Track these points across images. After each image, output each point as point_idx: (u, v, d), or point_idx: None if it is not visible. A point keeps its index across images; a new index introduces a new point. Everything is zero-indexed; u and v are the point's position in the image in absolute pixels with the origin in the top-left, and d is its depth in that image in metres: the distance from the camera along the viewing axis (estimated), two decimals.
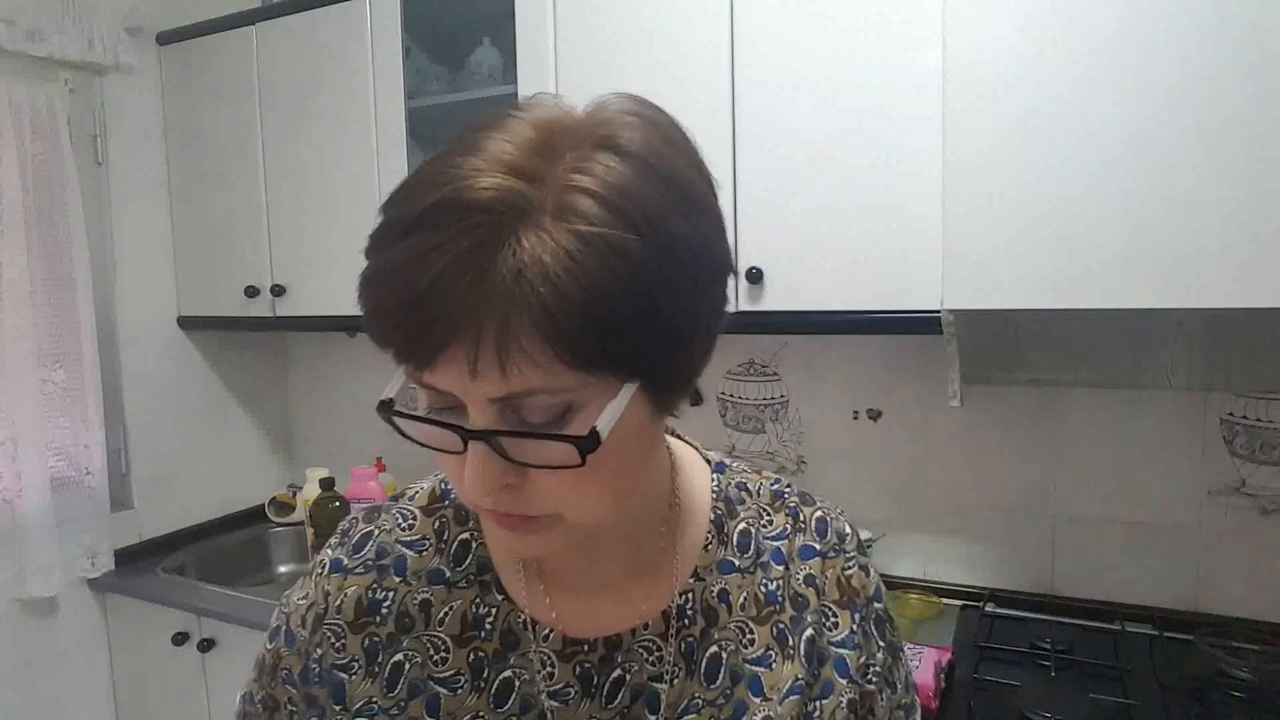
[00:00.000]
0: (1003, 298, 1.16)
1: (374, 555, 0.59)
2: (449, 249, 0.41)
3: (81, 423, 1.91)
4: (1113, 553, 1.57)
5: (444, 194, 0.42)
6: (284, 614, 0.62)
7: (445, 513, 0.61)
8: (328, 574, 0.60)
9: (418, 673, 0.56)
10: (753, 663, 0.57)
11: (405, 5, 1.76)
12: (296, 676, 0.59)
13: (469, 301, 0.40)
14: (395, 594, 0.58)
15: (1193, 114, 1.04)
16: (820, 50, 1.37)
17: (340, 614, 0.58)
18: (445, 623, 0.57)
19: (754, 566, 0.59)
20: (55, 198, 1.86)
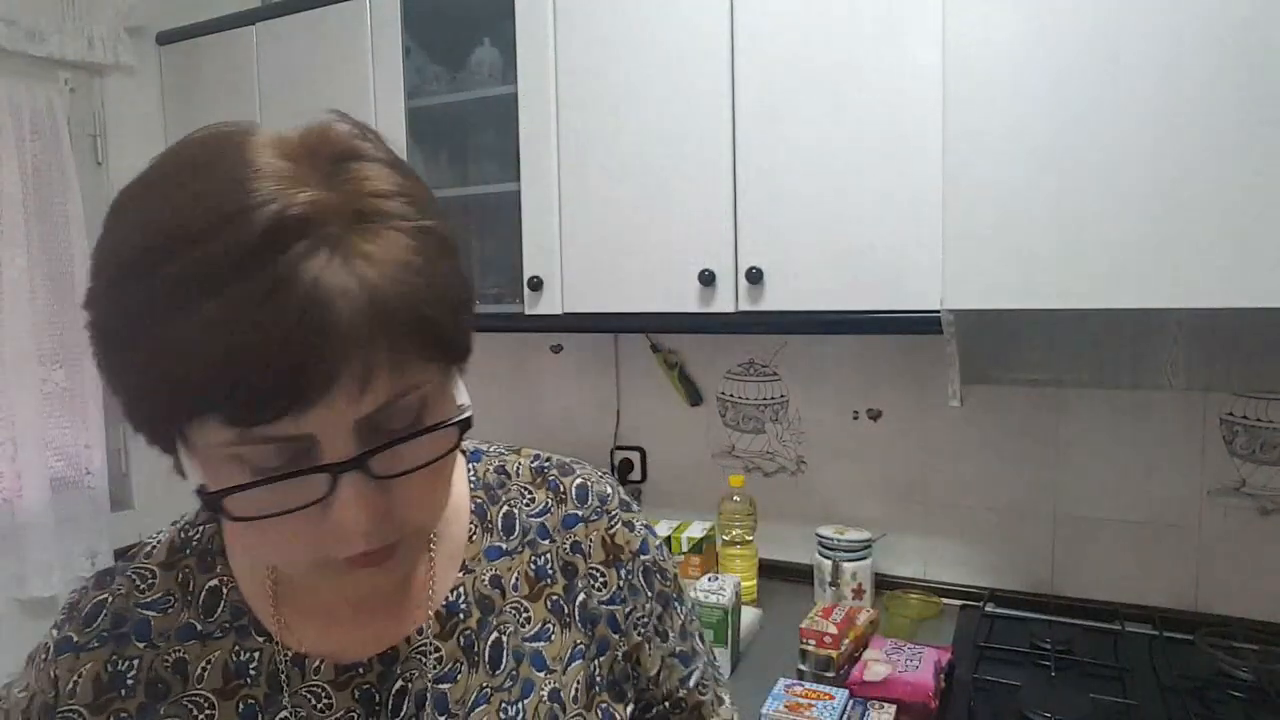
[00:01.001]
0: (1003, 298, 1.16)
1: (110, 625, 0.55)
2: (295, 283, 0.37)
3: (81, 423, 1.91)
4: (1113, 553, 1.57)
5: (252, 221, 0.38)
6: (4, 707, 0.53)
7: (188, 563, 0.57)
8: (54, 657, 0.54)
9: None
10: (532, 639, 0.57)
11: (405, 5, 1.76)
12: None
13: (347, 331, 0.38)
14: (141, 661, 0.53)
15: (1193, 114, 1.04)
16: (820, 50, 1.37)
17: (75, 698, 0.53)
18: (205, 678, 0.53)
19: (521, 546, 0.60)
20: (55, 198, 1.86)
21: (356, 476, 0.42)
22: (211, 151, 0.43)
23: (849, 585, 1.62)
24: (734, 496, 1.72)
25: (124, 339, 0.41)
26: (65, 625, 0.56)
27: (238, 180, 0.40)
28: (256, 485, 0.41)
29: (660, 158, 1.51)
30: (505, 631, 0.57)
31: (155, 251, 0.39)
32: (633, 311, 1.56)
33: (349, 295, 0.39)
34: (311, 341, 0.38)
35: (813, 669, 1.36)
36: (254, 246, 0.38)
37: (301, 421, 0.40)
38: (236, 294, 0.38)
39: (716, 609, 1.38)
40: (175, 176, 0.43)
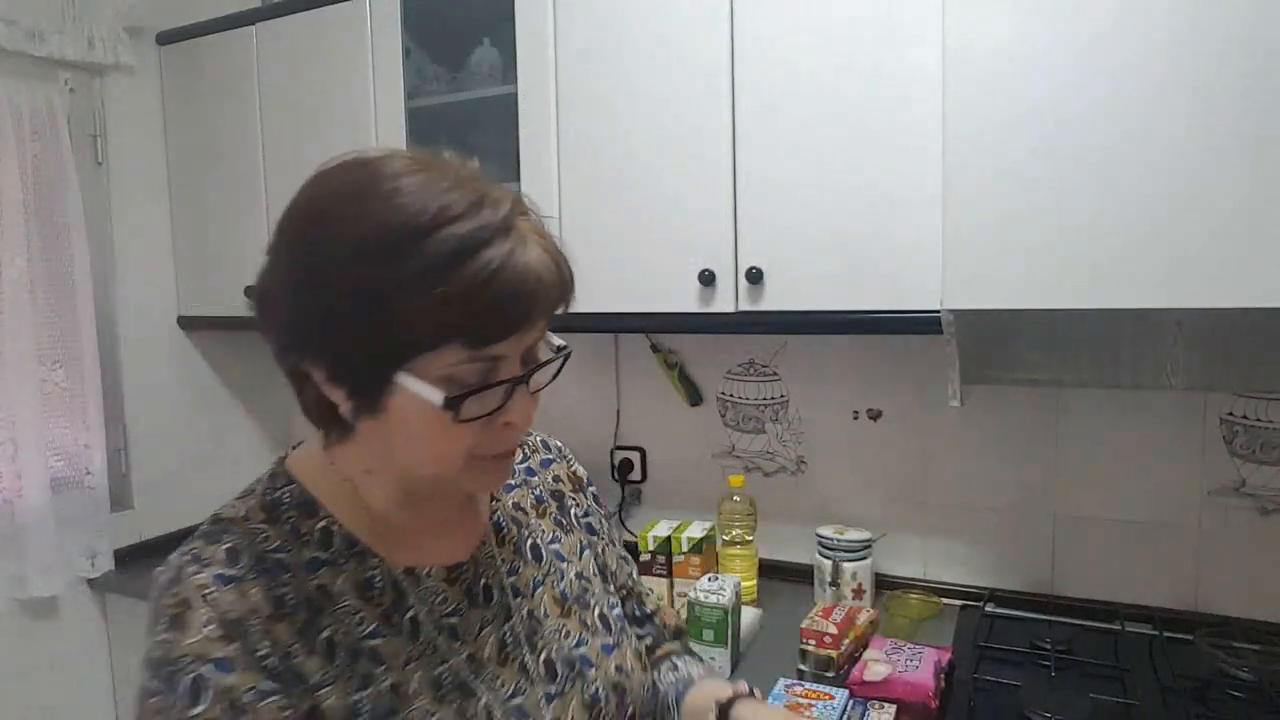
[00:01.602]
0: (1003, 298, 1.16)
1: (253, 563, 0.62)
2: (524, 248, 0.59)
3: (81, 423, 1.91)
4: (1113, 553, 1.57)
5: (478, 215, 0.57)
6: (187, 663, 0.56)
7: (291, 515, 0.67)
8: (221, 589, 0.59)
9: (346, 640, 0.63)
10: (550, 543, 0.81)
11: (405, 5, 1.76)
12: (264, 686, 0.57)
13: (547, 286, 0.60)
14: (290, 589, 0.62)
15: (1193, 114, 1.04)
16: (820, 50, 1.37)
17: (256, 613, 0.59)
18: (345, 594, 0.64)
19: (521, 483, 0.84)
20: (55, 198, 1.86)
21: (522, 388, 0.62)
22: (419, 163, 0.61)
23: (849, 585, 1.62)
24: (734, 496, 1.72)
25: (380, 298, 0.56)
26: (210, 567, 0.60)
27: (460, 179, 0.60)
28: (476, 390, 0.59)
29: (660, 158, 1.51)
30: (536, 536, 0.80)
31: (422, 230, 0.56)
32: (633, 311, 1.56)
33: (544, 263, 0.60)
34: (531, 290, 0.58)
35: (813, 669, 1.36)
36: (497, 224, 0.58)
37: (501, 346, 0.59)
38: (490, 256, 0.56)
39: (716, 609, 1.38)
40: (403, 177, 0.59)
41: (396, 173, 0.59)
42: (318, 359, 0.61)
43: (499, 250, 0.56)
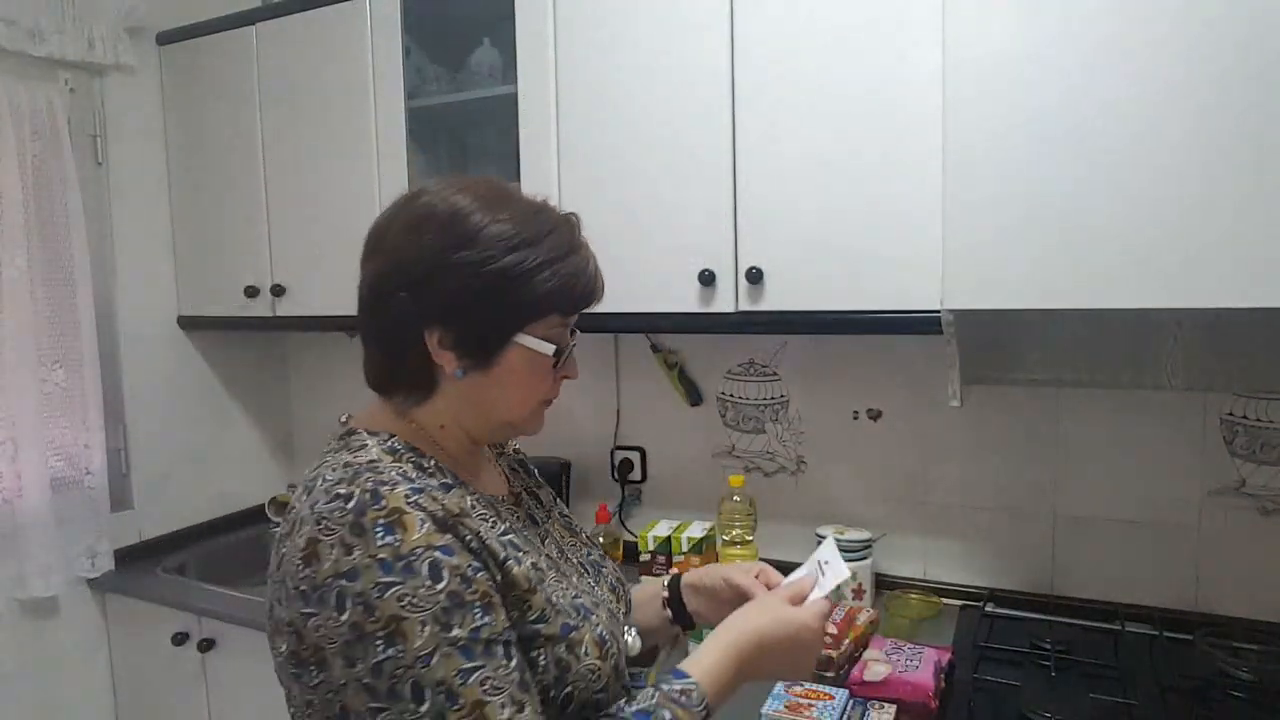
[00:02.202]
0: (1003, 298, 1.16)
1: (420, 484, 0.73)
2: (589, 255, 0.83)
3: (81, 423, 1.91)
4: (1113, 553, 1.57)
5: (566, 225, 0.82)
6: (421, 551, 0.68)
7: (408, 455, 0.78)
8: (419, 497, 0.71)
9: (497, 531, 0.77)
10: (538, 488, 1.01)
11: (405, 5, 1.76)
12: (477, 563, 0.71)
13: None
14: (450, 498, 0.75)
15: (1193, 113, 1.04)
16: (820, 50, 1.37)
17: (460, 513, 0.73)
18: (476, 506, 0.78)
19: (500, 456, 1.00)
20: (55, 198, 1.86)
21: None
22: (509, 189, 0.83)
23: (849, 585, 1.62)
24: (734, 496, 1.72)
25: (521, 277, 0.76)
26: (403, 483, 0.71)
27: (530, 202, 0.82)
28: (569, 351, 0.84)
29: (660, 158, 1.51)
30: (531, 483, 1.00)
31: (544, 230, 0.78)
32: (633, 311, 1.56)
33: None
34: (598, 278, 0.84)
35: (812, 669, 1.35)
36: (577, 230, 0.83)
37: (574, 317, 0.83)
38: (581, 252, 0.81)
39: None
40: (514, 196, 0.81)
41: (509, 189, 0.81)
42: (446, 326, 0.76)
43: (587, 249, 0.82)
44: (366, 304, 0.80)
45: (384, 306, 0.78)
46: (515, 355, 0.78)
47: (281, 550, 0.72)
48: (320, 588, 0.66)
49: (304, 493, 0.74)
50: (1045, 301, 1.14)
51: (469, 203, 0.77)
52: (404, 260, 0.77)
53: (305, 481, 0.76)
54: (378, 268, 0.79)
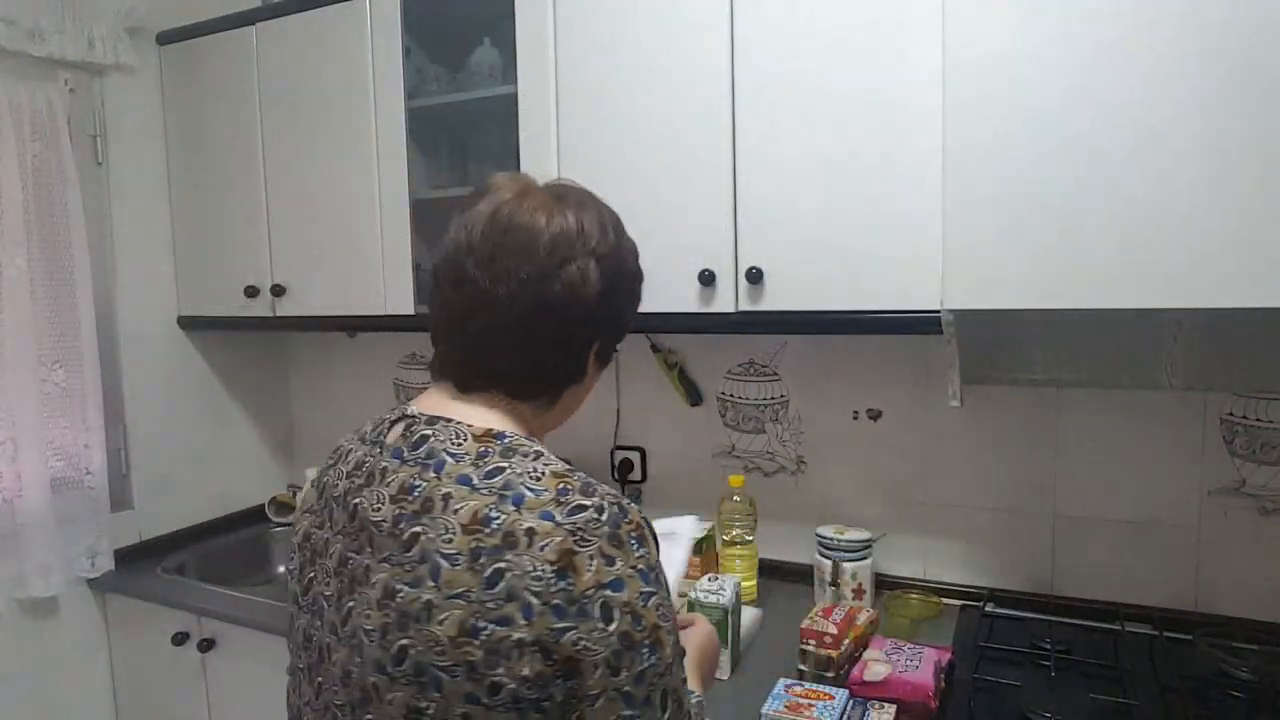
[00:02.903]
0: (1003, 298, 1.16)
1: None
2: None
3: (81, 423, 1.91)
4: (1113, 553, 1.57)
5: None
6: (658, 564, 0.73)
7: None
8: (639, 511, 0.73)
9: None
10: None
11: (405, 5, 1.76)
12: None
13: None
14: None
15: (1193, 113, 1.04)
16: (820, 50, 1.37)
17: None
18: None
19: None
20: (55, 198, 1.86)
21: None
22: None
23: (849, 585, 1.62)
24: (734, 496, 1.72)
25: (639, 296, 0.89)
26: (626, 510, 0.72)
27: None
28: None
29: (660, 158, 1.51)
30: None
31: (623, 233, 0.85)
32: None
33: None
34: None
35: (813, 669, 1.36)
36: None
37: None
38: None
39: (716, 609, 1.38)
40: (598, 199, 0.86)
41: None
42: (606, 336, 0.82)
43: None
44: (559, 308, 0.76)
45: (580, 314, 0.78)
46: (598, 367, 0.85)
47: (497, 565, 0.64)
48: (579, 600, 0.64)
49: (501, 501, 0.67)
50: (1045, 301, 1.14)
51: (613, 223, 0.84)
52: (610, 276, 0.80)
53: (494, 492, 0.68)
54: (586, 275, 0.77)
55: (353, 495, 0.75)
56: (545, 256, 0.75)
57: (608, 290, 0.79)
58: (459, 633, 0.64)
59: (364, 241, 1.83)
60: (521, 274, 0.75)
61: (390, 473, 0.73)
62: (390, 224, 1.80)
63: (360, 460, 0.77)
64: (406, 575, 0.67)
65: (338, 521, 0.76)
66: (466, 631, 0.63)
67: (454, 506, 0.67)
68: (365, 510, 0.72)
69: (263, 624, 1.71)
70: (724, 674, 1.38)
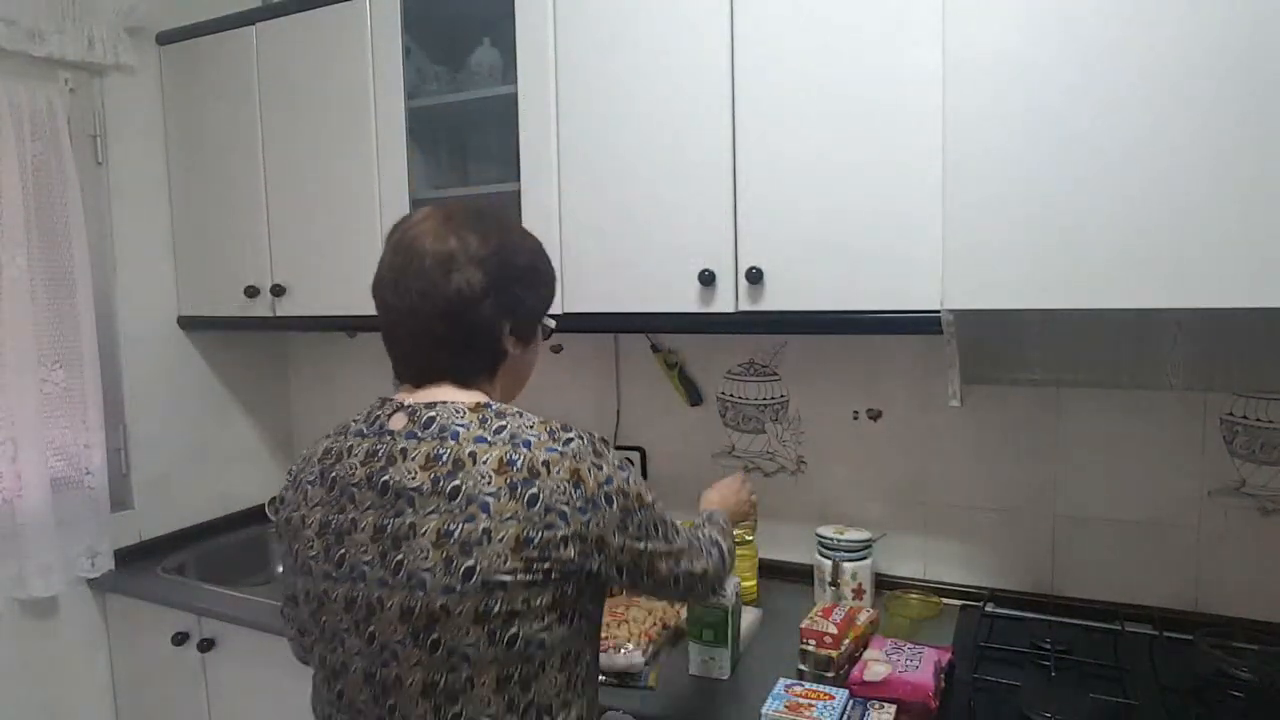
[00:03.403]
0: (1003, 298, 1.16)
1: None
2: None
3: (81, 423, 1.91)
4: (1113, 553, 1.57)
5: None
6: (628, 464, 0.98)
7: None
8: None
9: None
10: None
11: (405, 5, 1.76)
12: None
13: None
14: None
15: (1193, 113, 1.04)
16: (820, 50, 1.37)
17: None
18: None
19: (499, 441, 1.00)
20: (55, 198, 1.86)
21: None
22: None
23: (849, 585, 1.62)
24: None
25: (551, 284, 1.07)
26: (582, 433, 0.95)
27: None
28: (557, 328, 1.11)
29: (660, 157, 1.51)
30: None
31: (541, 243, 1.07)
32: (633, 311, 1.57)
33: None
34: None
35: (813, 669, 1.36)
36: None
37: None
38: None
39: (716, 609, 1.38)
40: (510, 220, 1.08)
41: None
42: (515, 320, 0.98)
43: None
44: (456, 311, 0.94)
45: (475, 311, 0.95)
46: (537, 334, 1.05)
47: (530, 491, 0.87)
48: (594, 497, 0.89)
49: (515, 447, 0.90)
50: (1045, 301, 1.14)
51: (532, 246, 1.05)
52: (482, 277, 0.95)
53: (507, 442, 0.90)
54: (469, 280, 0.94)
55: (379, 475, 0.91)
56: (432, 272, 0.93)
57: (495, 286, 0.95)
58: (517, 545, 0.86)
59: (364, 241, 1.82)
60: (416, 290, 0.93)
61: (411, 450, 0.91)
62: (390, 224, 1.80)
63: (372, 448, 0.94)
64: (459, 516, 0.86)
65: (363, 500, 0.91)
66: (523, 542, 0.86)
67: (482, 459, 0.88)
68: (400, 482, 0.89)
69: (263, 624, 1.71)
70: (724, 674, 1.39)
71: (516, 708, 0.89)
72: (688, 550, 1.04)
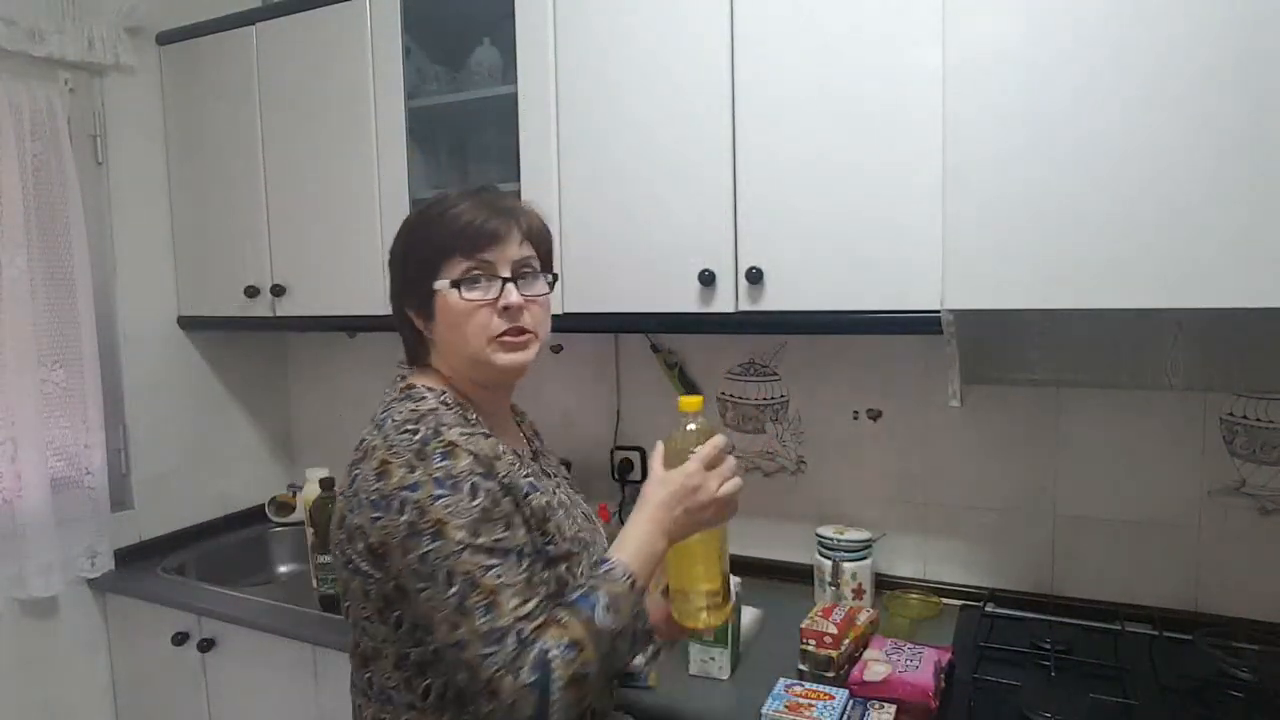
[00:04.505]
0: (1003, 298, 1.16)
1: (464, 424, 0.96)
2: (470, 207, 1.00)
3: (81, 423, 1.91)
4: (1113, 553, 1.57)
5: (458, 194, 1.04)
6: (465, 475, 0.89)
7: (455, 408, 0.99)
8: (471, 438, 0.93)
9: (518, 475, 0.96)
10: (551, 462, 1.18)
11: (405, 5, 1.76)
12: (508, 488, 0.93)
13: (491, 218, 1.00)
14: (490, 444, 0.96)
15: (1193, 113, 1.04)
16: (820, 50, 1.37)
17: (496, 452, 0.94)
18: (505, 453, 0.97)
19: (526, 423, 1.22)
20: (55, 198, 1.86)
21: (511, 285, 0.99)
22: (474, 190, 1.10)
23: (849, 585, 1.62)
24: (688, 425, 1.02)
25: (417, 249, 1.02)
26: (450, 430, 0.92)
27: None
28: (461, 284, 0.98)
29: (660, 158, 1.51)
30: (544, 453, 1.20)
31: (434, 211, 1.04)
32: (633, 311, 1.56)
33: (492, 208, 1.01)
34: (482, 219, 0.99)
35: (813, 669, 1.36)
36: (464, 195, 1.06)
37: (485, 254, 0.99)
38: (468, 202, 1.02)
39: None
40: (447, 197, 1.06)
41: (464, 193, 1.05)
42: (406, 301, 1.03)
43: (481, 199, 1.02)
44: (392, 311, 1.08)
45: (393, 306, 1.07)
46: (440, 302, 0.99)
47: (355, 472, 0.94)
48: (388, 497, 0.88)
49: (374, 429, 0.96)
50: (1045, 301, 1.14)
51: (411, 214, 1.08)
52: (391, 270, 1.07)
53: (375, 420, 0.97)
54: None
55: None
56: None
57: (390, 277, 1.07)
58: (338, 524, 0.96)
59: (364, 241, 1.82)
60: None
61: None
62: (390, 224, 1.80)
63: None
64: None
65: None
66: (339, 522, 0.95)
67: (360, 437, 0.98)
68: None
69: (263, 624, 1.71)
70: (724, 674, 1.39)
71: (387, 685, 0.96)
72: (476, 636, 0.83)
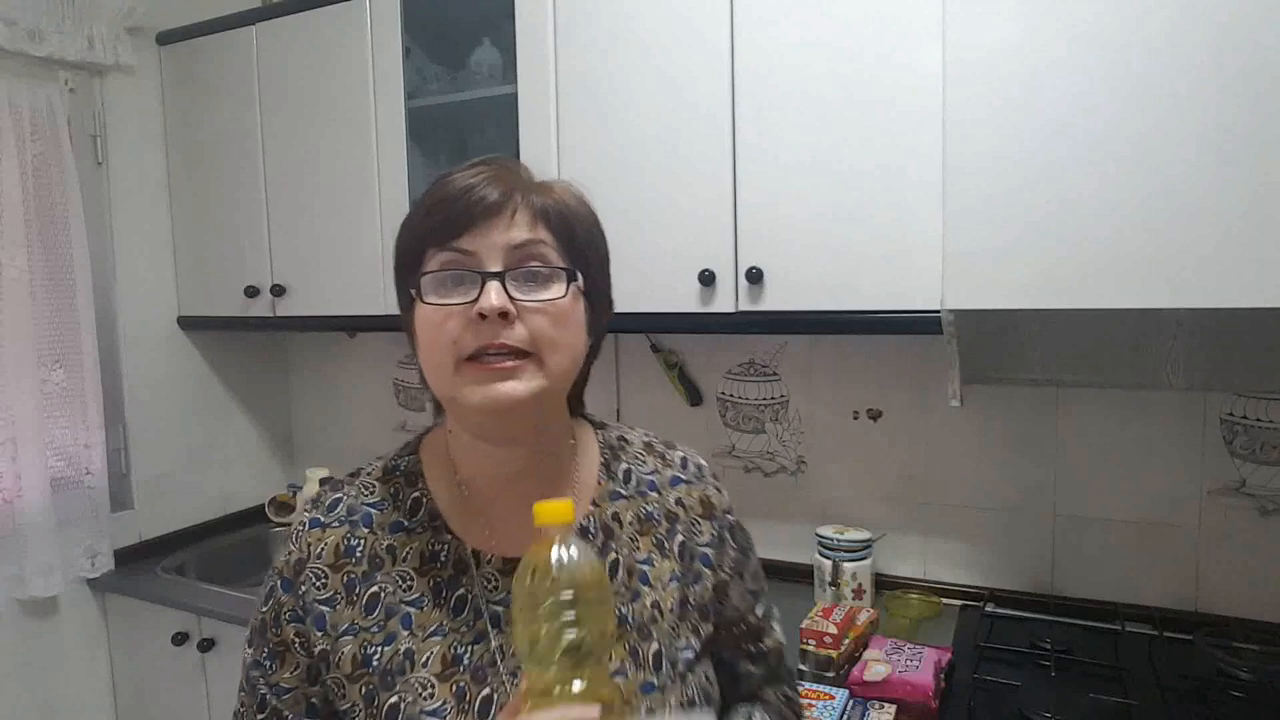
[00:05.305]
0: (1003, 298, 1.16)
1: (345, 513, 0.76)
2: (464, 176, 0.69)
3: (81, 423, 1.91)
4: (1113, 553, 1.57)
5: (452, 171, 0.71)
6: (274, 574, 0.75)
7: (398, 480, 0.77)
8: (308, 530, 0.75)
9: (391, 599, 0.72)
10: (641, 563, 0.77)
11: (405, 5, 1.76)
12: (297, 612, 0.72)
13: (488, 188, 0.68)
14: (365, 541, 0.74)
15: (1193, 113, 1.04)
16: (820, 50, 1.37)
17: (321, 559, 0.73)
18: (408, 560, 0.73)
19: (635, 494, 0.80)
20: (55, 198, 1.86)
21: (497, 284, 0.66)
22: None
23: (849, 585, 1.62)
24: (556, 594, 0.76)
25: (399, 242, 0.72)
26: (313, 510, 0.76)
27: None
28: (434, 272, 0.67)
29: (660, 158, 1.51)
30: (620, 553, 0.76)
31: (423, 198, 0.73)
32: (633, 311, 1.56)
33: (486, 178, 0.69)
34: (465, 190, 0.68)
35: (813, 669, 1.36)
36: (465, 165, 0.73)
37: (465, 241, 0.67)
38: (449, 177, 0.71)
39: None
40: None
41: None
42: (403, 314, 0.75)
43: (452, 174, 0.70)
44: None
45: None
46: (417, 313, 0.70)
47: None
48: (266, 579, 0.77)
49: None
50: (1045, 301, 1.14)
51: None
52: None
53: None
54: None
55: None
56: None
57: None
58: None
59: (364, 241, 1.83)
60: None
61: None
62: (390, 224, 1.80)
63: None
64: None
65: None
66: None
67: None
68: None
69: None
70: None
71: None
72: None
